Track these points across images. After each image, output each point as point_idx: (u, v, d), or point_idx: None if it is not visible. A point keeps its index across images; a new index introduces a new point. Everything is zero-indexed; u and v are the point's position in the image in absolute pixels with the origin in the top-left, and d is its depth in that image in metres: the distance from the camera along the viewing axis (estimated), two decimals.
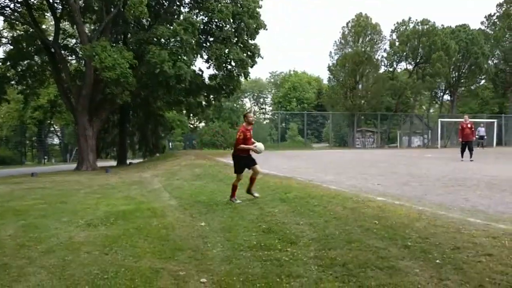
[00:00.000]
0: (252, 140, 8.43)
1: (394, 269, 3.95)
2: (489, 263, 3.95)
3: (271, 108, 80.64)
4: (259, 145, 8.43)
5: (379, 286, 3.60)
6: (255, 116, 8.53)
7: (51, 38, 26.04)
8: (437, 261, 4.07)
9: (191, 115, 35.38)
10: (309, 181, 10.69)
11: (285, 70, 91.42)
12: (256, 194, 8.46)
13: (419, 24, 44.01)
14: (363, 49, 42.31)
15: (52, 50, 24.51)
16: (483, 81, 50.06)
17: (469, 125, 18.45)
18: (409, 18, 45.21)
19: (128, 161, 31.76)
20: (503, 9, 46.57)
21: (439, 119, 38.69)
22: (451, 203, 7.43)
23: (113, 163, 32.62)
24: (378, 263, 4.12)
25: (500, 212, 6.52)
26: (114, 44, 22.69)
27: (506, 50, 46.09)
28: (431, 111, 57.23)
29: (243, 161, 8.39)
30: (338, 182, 10.40)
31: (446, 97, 51.90)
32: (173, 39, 22.42)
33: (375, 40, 43.50)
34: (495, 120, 37.91)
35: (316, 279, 3.90)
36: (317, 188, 9.27)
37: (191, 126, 62.09)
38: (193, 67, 25.22)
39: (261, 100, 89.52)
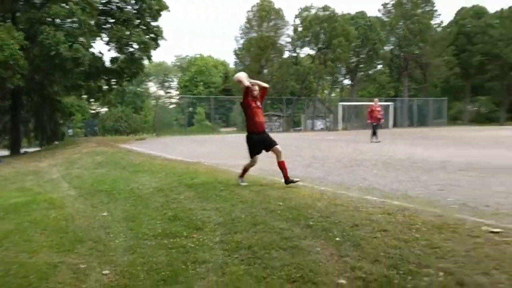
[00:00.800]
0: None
1: (297, 248, 4.04)
2: (384, 238, 4.17)
3: (177, 92, 79.29)
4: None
5: (283, 266, 3.66)
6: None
7: None
8: (337, 238, 4.23)
9: (92, 100, 33.73)
10: (216, 165, 10.67)
11: (191, 54, 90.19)
12: (297, 179, 7.38)
13: (321, 10, 45.47)
14: (267, 34, 42.91)
15: None
16: (380, 66, 53.22)
17: (378, 108, 19.68)
18: (311, 4, 46.60)
19: (22, 150, 29.65)
20: None
21: (340, 103, 40.50)
22: (351, 182, 7.81)
23: (6, 152, 30.28)
24: (282, 243, 4.20)
25: (394, 190, 6.97)
26: (1, 23, 20.86)
27: (400, 37, 49.23)
28: (332, 95, 59.81)
29: (258, 141, 7.37)
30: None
31: (347, 81, 54.55)
32: (69, 20, 21.13)
33: (279, 25, 44.31)
34: (391, 103, 40.43)
35: (222, 263, 3.89)
36: (224, 172, 9.28)
37: (93, 111, 59.21)
38: (92, 50, 24.01)
39: (167, 84, 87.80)
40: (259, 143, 7.35)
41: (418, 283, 3.18)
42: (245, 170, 7.60)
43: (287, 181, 7.23)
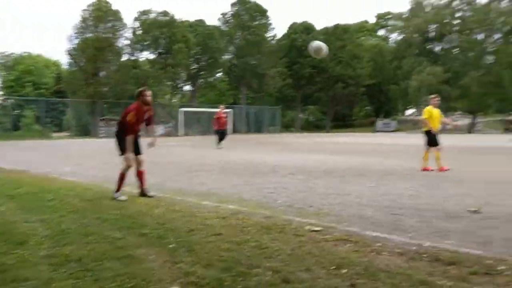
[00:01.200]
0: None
1: (130, 258, 3.93)
2: (218, 242, 4.29)
3: (1, 93, 71.36)
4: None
5: (115, 276, 3.53)
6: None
7: None
8: (172, 245, 4.22)
9: None
10: (45, 173, 9.90)
11: (17, 51, 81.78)
12: (152, 193, 6.92)
13: (161, 15, 45.26)
14: (104, 35, 41.25)
15: None
16: (219, 74, 54.85)
17: (223, 115, 20.18)
18: (151, 8, 46.10)
19: None
20: (235, 8, 51.69)
21: (181, 109, 40.65)
22: (189, 188, 7.92)
23: None
24: (115, 253, 4.05)
25: (230, 194, 7.25)
26: None
27: (238, 46, 51.42)
28: (173, 100, 59.76)
29: (131, 139, 6.95)
30: (78, 173, 9.95)
31: (188, 87, 55.03)
32: None
33: (116, 27, 42.89)
34: (230, 110, 41.84)
35: (47, 279, 3.59)
36: (53, 181, 8.67)
37: None
38: None
39: None
40: (132, 141, 6.97)
41: (248, 283, 3.33)
42: (122, 177, 6.83)
43: (142, 193, 6.90)
